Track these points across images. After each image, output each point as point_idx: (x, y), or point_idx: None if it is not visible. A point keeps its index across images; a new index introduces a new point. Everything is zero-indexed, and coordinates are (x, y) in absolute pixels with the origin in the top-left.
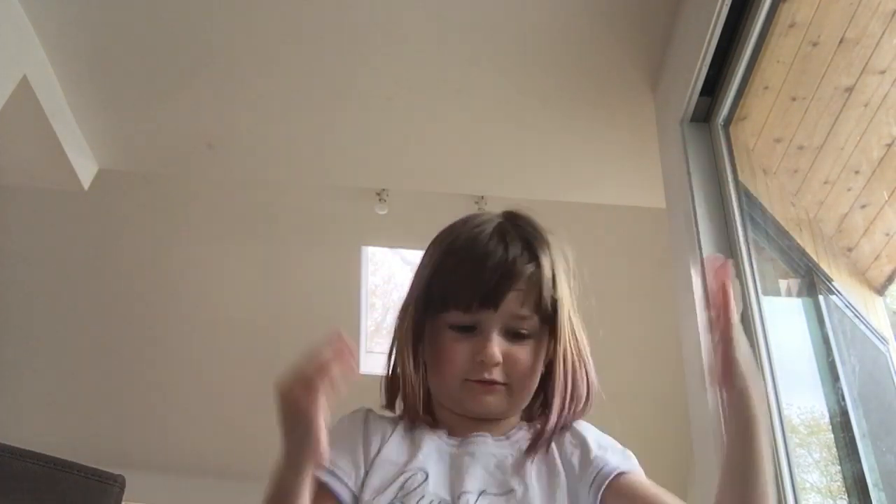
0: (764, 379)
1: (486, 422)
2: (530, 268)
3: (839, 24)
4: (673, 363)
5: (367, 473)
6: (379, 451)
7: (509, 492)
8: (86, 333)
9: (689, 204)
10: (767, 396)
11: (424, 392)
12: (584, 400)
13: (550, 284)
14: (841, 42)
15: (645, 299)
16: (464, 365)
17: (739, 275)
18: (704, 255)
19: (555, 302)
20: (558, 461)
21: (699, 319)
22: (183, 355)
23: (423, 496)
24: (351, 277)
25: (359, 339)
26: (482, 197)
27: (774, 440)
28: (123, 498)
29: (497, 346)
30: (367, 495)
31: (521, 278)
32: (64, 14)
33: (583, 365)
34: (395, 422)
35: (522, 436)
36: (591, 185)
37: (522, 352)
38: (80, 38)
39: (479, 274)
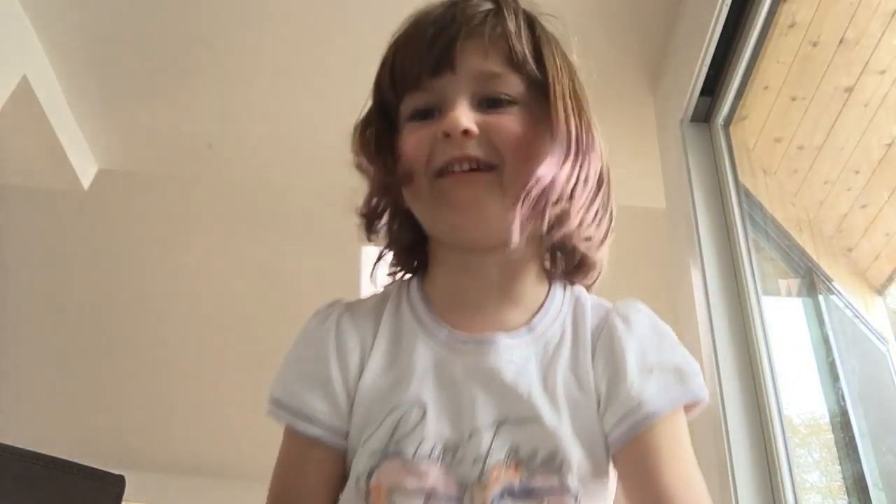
0: (764, 379)
1: (501, 284)
2: (484, 8)
3: (839, 24)
4: None
5: (352, 404)
6: (361, 371)
7: (534, 418)
8: (86, 333)
9: (689, 204)
10: (768, 396)
11: (405, 222)
12: (595, 198)
13: (522, 31)
14: (841, 42)
15: (644, 299)
16: (426, 150)
17: (739, 275)
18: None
19: (538, 52)
20: (590, 379)
21: (699, 319)
22: (183, 355)
23: (422, 439)
24: (351, 277)
25: None
26: None
27: (774, 440)
28: (123, 498)
29: (463, 114)
30: (357, 449)
31: (472, 22)
32: (64, 14)
33: (590, 147)
34: (377, 311)
35: (552, 320)
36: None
37: (507, 118)
38: (80, 38)
39: (422, 35)
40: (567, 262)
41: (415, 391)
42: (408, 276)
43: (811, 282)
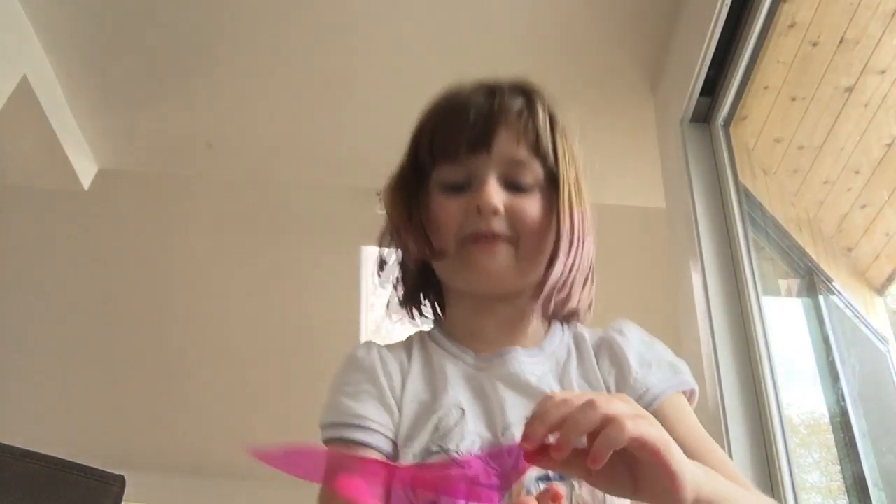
0: (764, 379)
1: (511, 321)
2: (519, 103)
3: (839, 24)
4: None
5: (399, 413)
6: (403, 385)
7: None
8: (86, 333)
9: (689, 204)
10: (768, 396)
11: (425, 271)
12: (588, 275)
13: (547, 126)
14: (841, 42)
15: (644, 299)
16: (458, 219)
17: (739, 275)
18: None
19: (555, 148)
20: (599, 377)
21: (699, 319)
22: (183, 355)
23: (462, 437)
24: (351, 277)
25: (359, 340)
26: None
27: (774, 440)
28: (123, 498)
29: (496, 193)
30: (400, 440)
31: (510, 112)
32: (64, 14)
33: (587, 231)
34: (406, 348)
35: (558, 343)
36: (591, 184)
37: (527, 202)
38: (80, 39)
39: (464, 116)
40: (563, 312)
41: (453, 396)
42: (425, 329)
43: (811, 282)
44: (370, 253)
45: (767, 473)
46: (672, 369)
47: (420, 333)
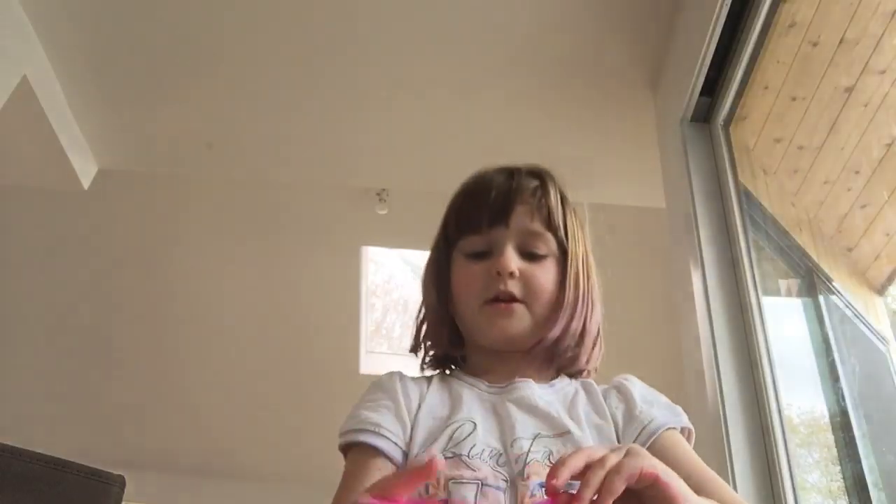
0: (764, 379)
1: (523, 366)
2: (534, 183)
3: (839, 24)
4: (673, 363)
5: (412, 428)
6: (419, 406)
7: (565, 433)
8: (86, 333)
9: (689, 204)
10: (768, 396)
11: (449, 327)
12: (588, 333)
13: (559, 204)
14: (841, 42)
15: (644, 299)
16: (480, 283)
17: (739, 275)
18: None
19: (566, 224)
20: (606, 411)
21: (699, 319)
22: (183, 355)
23: (474, 444)
24: (351, 277)
25: (359, 339)
26: None
27: (774, 440)
28: (123, 498)
29: (512, 259)
30: (415, 450)
31: (526, 191)
32: (64, 14)
33: (593, 299)
34: (427, 379)
35: (566, 384)
36: (591, 184)
37: (540, 269)
38: (80, 39)
39: (486, 194)
40: (571, 369)
41: (467, 411)
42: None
43: (811, 282)
44: (370, 253)
45: (767, 473)
46: (671, 410)
47: (440, 373)
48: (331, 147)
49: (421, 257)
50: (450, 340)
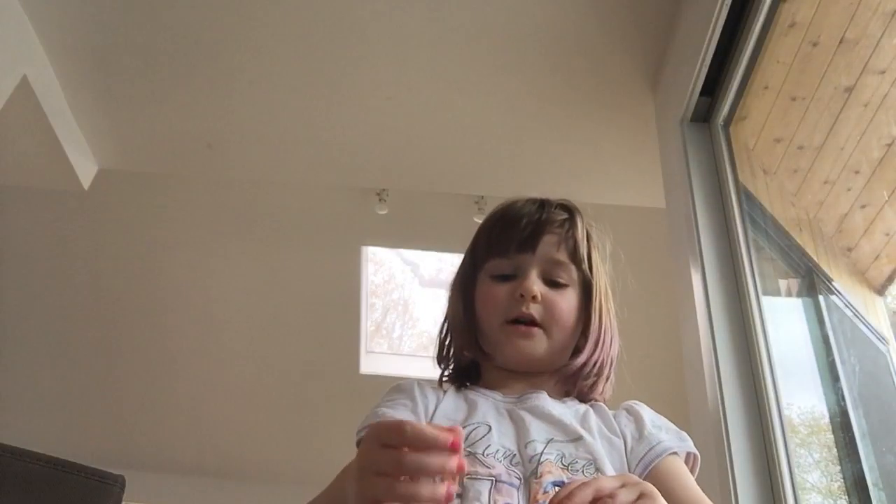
0: (764, 379)
1: (537, 384)
2: (563, 215)
3: (839, 24)
4: (673, 362)
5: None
6: (436, 408)
7: (578, 439)
8: (85, 333)
9: (689, 204)
10: (768, 396)
11: (474, 340)
12: (608, 364)
13: (584, 239)
14: (841, 42)
15: (645, 299)
16: (503, 303)
17: (739, 275)
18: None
19: (590, 258)
20: (617, 428)
21: (699, 319)
22: (183, 355)
23: (488, 445)
24: (351, 277)
25: (359, 339)
26: (482, 197)
27: (774, 440)
28: (123, 498)
29: (536, 283)
30: None
31: (554, 223)
32: (64, 14)
33: (613, 333)
34: (444, 389)
35: (576, 404)
36: (591, 184)
37: (561, 297)
38: (80, 38)
39: (517, 222)
40: (585, 398)
41: (482, 416)
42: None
43: (811, 282)
44: (370, 253)
45: (767, 473)
46: (678, 436)
47: (456, 385)
48: (331, 147)
49: (421, 257)
50: (473, 351)
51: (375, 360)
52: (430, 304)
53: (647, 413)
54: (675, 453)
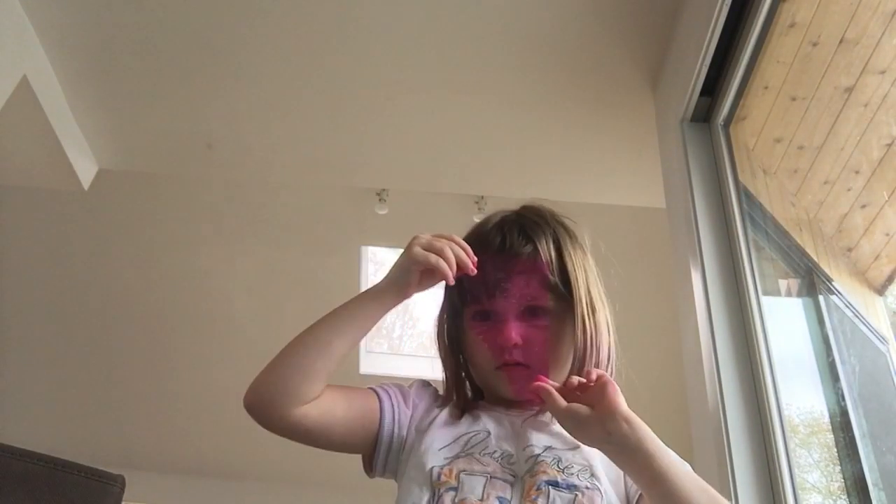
0: (764, 379)
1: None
2: (527, 249)
3: (839, 24)
4: (673, 362)
5: (419, 430)
6: (438, 413)
7: (576, 447)
8: (86, 333)
9: (689, 204)
10: (768, 396)
11: (469, 382)
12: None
13: (553, 263)
14: (841, 42)
15: (644, 299)
16: (489, 354)
17: (739, 275)
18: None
19: (565, 278)
20: None
21: (699, 319)
22: (183, 355)
23: (486, 446)
24: (351, 277)
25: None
26: (482, 197)
27: (774, 440)
28: (123, 498)
29: (514, 329)
30: (430, 455)
31: (519, 261)
32: (64, 14)
33: (601, 341)
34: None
35: None
36: (591, 184)
37: (538, 332)
38: (80, 38)
39: (483, 267)
40: None
41: (483, 423)
42: None
43: (811, 282)
44: (370, 253)
45: (767, 473)
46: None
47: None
48: (331, 147)
49: None
50: (472, 391)
51: (375, 360)
52: (429, 304)
53: None
54: None
